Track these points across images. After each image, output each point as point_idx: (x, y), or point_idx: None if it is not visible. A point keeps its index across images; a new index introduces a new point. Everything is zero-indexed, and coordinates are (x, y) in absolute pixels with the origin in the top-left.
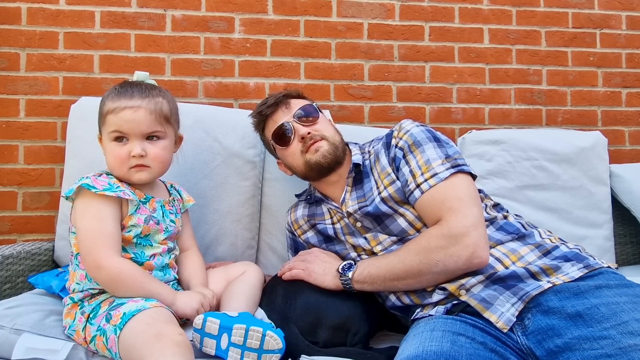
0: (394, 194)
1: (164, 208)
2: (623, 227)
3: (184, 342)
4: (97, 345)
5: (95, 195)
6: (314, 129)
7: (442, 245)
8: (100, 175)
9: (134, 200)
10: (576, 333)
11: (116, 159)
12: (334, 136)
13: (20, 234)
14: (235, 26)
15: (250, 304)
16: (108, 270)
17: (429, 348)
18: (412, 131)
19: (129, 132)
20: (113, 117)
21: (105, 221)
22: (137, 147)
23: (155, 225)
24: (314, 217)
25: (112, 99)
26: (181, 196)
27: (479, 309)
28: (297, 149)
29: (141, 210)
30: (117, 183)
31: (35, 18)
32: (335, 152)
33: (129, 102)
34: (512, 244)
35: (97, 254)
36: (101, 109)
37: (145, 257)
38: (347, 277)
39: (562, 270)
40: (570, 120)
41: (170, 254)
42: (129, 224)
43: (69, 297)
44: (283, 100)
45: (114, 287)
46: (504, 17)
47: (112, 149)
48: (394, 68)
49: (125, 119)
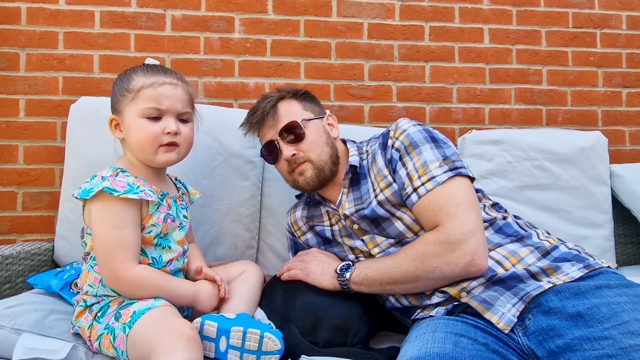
0: (390, 197)
1: (176, 204)
2: (623, 227)
3: (194, 337)
4: (103, 343)
5: (116, 199)
6: (299, 148)
7: (439, 252)
8: (117, 175)
9: (155, 200)
10: (577, 333)
11: (148, 136)
12: (319, 155)
13: (19, 234)
14: (235, 26)
15: (250, 304)
16: (127, 282)
17: (432, 350)
18: (409, 131)
19: (167, 109)
20: (151, 92)
21: (125, 229)
22: (173, 123)
23: (171, 222)
24: (312, 218)
25: (145, 75)
26: (187, 189)
27: (479, 310)
28: (284, 168)
29: (160, 209)
30: (135, 182)
31: (35, 18)
32: (320, 176)
33: (167, 79)
34: (511, 245)
35: (114, 266)
36: (128, 85)
37: (163, 263)
38: (344, 278)
39: (562, 270)
40: (570, 120)
41: (184, 257)
42: (149, 223)
43: (82, 298)
44: (270, 112)
45: (135, 295)
46: (504, 17)
47: (142, 126)
48: (394, 68)
49: (165, 95)
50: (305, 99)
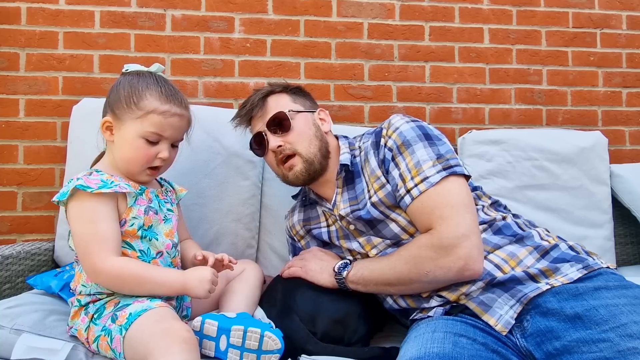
0: (384, 199)
1: (158, 198)
2: (623, 227)
3: (191, 339)
4: (101, 345)
5: (90, 195)
6: (286, 140)
7: (431, 256)
8: (90, 174)
9: (131, 192)
10: (575, 335)
11: (142, 158)
12: (308, 148)
13: (19, 234)
14: (235, 26)
15: (250, 303)
16: (105, 273)
17: (431, 350)
18: (402, 129)
19: (168, 137)
20: (160, 119)
21: (99, 222)
22: (167, 151)
23: (154, 215)
24: (309, 221)
25: (159, 99)
26: (173, 187)
27: (477, 311)
28: (273, 160)
29: (139, 201)
30: (110, 179)
31: (35, 18)
32: (309, 169)
33: (178, 110)
34: (510, 247)
35: (91, 259)
36: (139, 102)
37: (152, 255)
38: (342, 276)
39: (561, 271)
40: (570, 120)
41: (175, 250)
42: (130, 216)
43: (76, 299)
44: (259, 104)
45: (117, 287)
46: (504, 17)
47: (139, 146)
48: (394, 68)
49: (173, 126)
50: (296, 93)
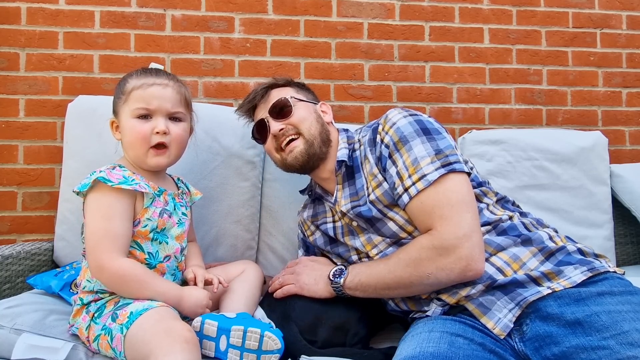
0: (381, 197)
1: (174, 201)
2: (623, 227)
3: (192, 338)
4: (101, 344)
5: (110, 189)
6: (288, 122)
7: (432, 258)
8: (114, 168)
9: (149, 193)
10: (574, 342)
11: (138, 136)
12: (309, 129)
13: (19, 234)
14: (235, 26)
15: (250, 303)
16: (110, 272)
17: (426, 349)
18: (399, 124)
19: (156, 109)
20: (140, 92)
21: (114, 220)
22: (162, 123)
23: (168, 218)
24: (317, 216)
25: (137, 77)
26: (189, 189)
27: (476, 313)
28: (272, 146)
29: (156, 203)
30: (131, 176)
31: (35, 18)
32: (309, 151)
33: (157, 80)
34: (514, 249)
35: (99, 255)
36: (122, 87)
37: (159, 258)
38: (338, 283)
39: (564, 274)
40: (570, 120)
41: (182, 255)
42: (145, 217)
43: (79, 297)
44: (262, 93)
45: (117, 288)
46: (504, 17)
47: (133, 126)
48: (394, 68)
49: (154, 95)
50: (299, 86)
